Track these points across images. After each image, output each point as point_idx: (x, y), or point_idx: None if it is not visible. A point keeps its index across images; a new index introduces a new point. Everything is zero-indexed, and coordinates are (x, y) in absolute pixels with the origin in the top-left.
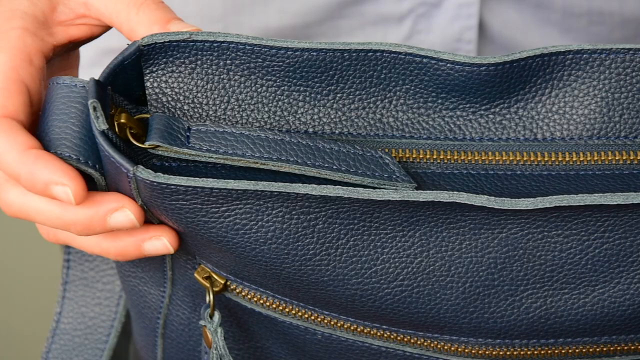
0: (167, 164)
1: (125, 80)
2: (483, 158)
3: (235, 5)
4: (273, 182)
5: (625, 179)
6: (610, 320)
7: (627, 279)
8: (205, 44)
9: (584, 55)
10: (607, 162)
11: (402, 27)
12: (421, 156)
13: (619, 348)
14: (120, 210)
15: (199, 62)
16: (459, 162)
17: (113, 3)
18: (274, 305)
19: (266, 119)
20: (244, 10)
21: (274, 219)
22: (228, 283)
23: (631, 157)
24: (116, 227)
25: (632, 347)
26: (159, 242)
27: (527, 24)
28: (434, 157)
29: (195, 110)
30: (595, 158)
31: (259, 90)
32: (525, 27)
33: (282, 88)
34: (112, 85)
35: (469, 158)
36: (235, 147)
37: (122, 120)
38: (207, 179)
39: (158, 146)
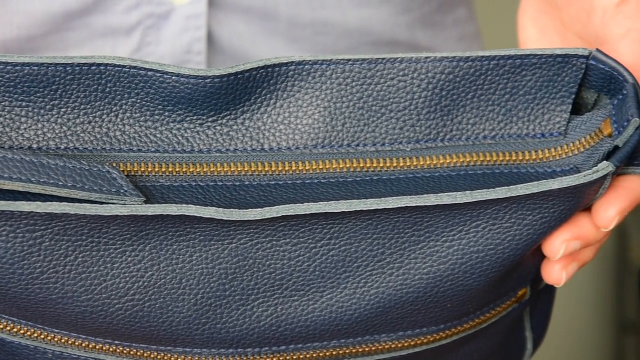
0: None
1: None
2: (212, 169)
3: None
4: None
5: (349, 186)
6: (338, 325)
7: (354, 283)
8: None
9: (306, 66)
10: (331, 170)
11: (131, 39)
12: (149, 169)
13: (347, 351)
14: None
15: None
16: (188, 174)
17: None
18: (0, 326)
19: None
20: None
21: None
22: None
23: (354, 165)
24: None
25: (360, 350)
26: None
27: (254, 34)
28: (163, 170)
29: None
30: (321, 166)
31: None
32: (254, 38)
33: (3, 104)
34: None
35: (198, 170)
36: None
37: None
38: None
39: None
